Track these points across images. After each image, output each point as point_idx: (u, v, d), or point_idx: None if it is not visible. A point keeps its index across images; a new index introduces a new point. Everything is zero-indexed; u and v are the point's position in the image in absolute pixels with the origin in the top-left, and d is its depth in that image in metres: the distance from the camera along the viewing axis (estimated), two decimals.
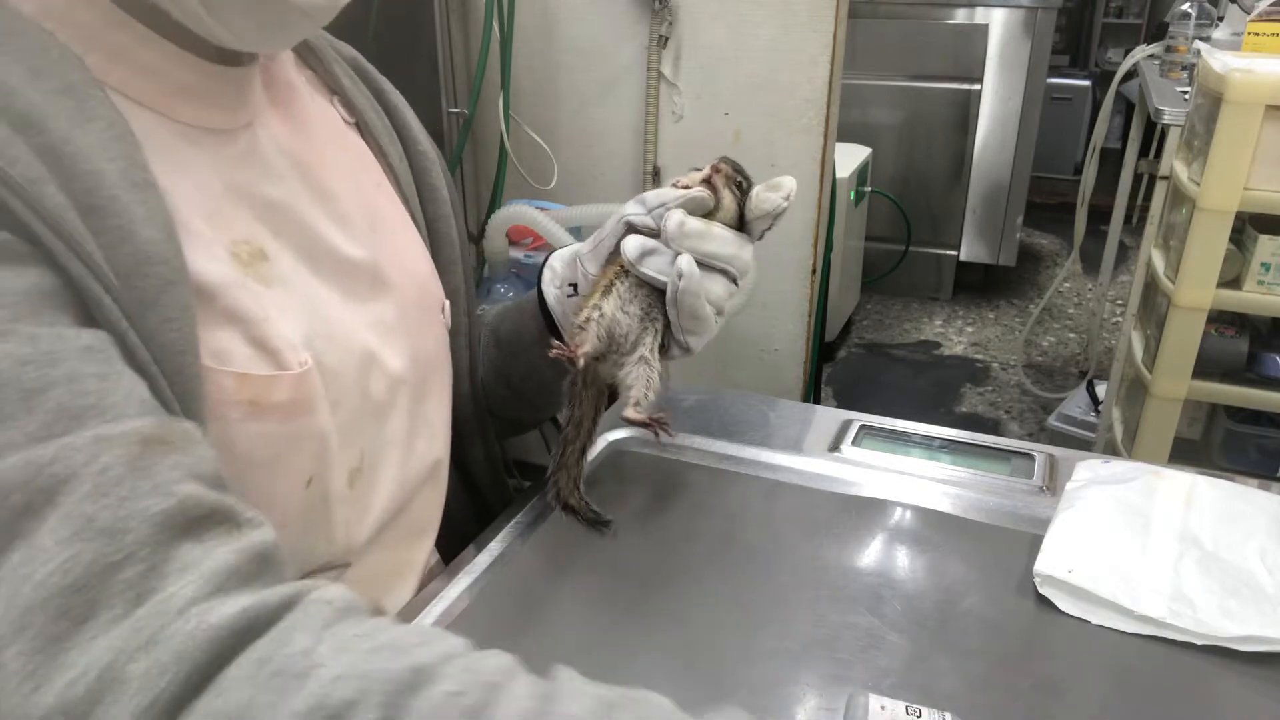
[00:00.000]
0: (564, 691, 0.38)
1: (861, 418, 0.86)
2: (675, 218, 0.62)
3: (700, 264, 0.61)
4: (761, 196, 0.64)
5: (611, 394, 0.71)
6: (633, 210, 0.64)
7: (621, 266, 0.64)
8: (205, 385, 0.46)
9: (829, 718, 0.54)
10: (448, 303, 0.71)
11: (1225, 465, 1.68)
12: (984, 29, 3.07)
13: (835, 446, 0.82)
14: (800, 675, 0.57)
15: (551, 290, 0.70)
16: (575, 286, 0.68)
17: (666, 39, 1.55)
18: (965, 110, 3.15)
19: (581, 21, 1.63)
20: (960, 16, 3.11)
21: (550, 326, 0.72)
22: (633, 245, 0.62)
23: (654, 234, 0.63)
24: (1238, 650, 0.58)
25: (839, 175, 2.51)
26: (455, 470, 0.79)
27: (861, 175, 2.86)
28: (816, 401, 2.09)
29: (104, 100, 0.45)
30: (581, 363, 0.62)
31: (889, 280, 3.43)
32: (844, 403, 2.80)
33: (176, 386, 0.44)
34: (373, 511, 0.60)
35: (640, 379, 0.63)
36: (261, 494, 0.50)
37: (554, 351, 0.62)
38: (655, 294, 0.63)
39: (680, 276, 0.60)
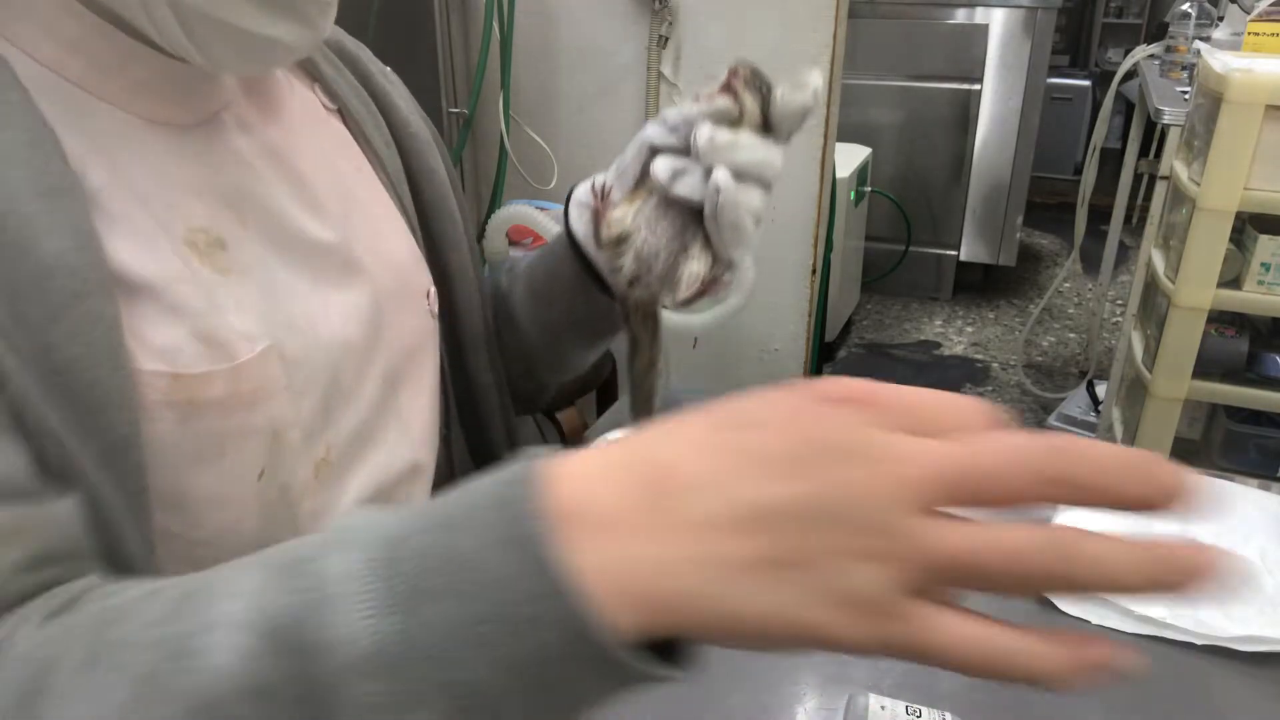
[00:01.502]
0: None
1: None
2: (705, 132, 0.59)
3: (733, 175, 0.59)
4: (788, 97, 0.61)
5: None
6: (653, 132, 0.62)
7: (648, 191, 0.62)
8: (137, 389, 0.46)
9: (829, 718, 0.54)
10: (433, 290, 0.70)
11: (1225, 465, 1.68)
12: (984, 29, 3.07)
13: None
14: (800, 675, 0.57)
15: (580, 228, 0.68)
16: None
17: (666, 39, 1.55)
18: (965, 110, 3.15)
19: (581, 21, 1.63)
20: (960, 16, 3.11)
21: (584, 265, 0.70)
22: (663, 167, 0.60)
23: (679, 153, 0.61)
24: (1238, 650, 0.58)
25: (839, 175, 2.51)
26: (471, 456, 0.77)
27: (861, 175, 2.86)
28: None
29: (19, 105, 0.44)
30: (609, 229, 0.62)
31: (889, 280, 3.44)
32: None
33: (94, 398, 0.43)
34: (343, 505, 0.59)
35: (685, 276, 0.62)
36: (210, 490, 0.50)
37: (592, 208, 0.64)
38: (687, 213, 0.61)
39: (719, 192, 0.58)
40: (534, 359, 0.79)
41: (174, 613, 0.33)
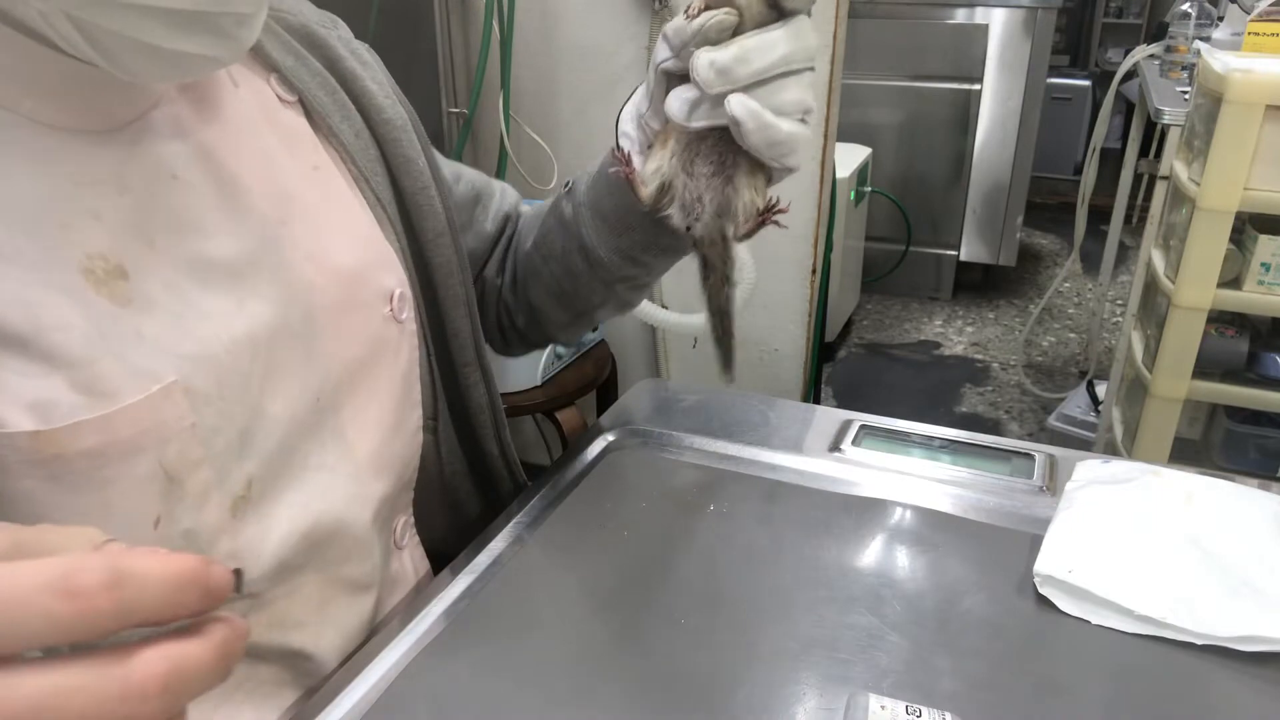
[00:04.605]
0: None
1: (861, 418, 0.86)
2: (702, 61, 0.53)
3: (758, 84, 0.54)
4: None
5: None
6: (663, 56, 0.57)
7: (677, 128, 0.59)
8: None
9: (829, 718, 0.54)
10: (398, 291, 0.65)
11: (1225, 465, 1.68)
12: (984, 29, 3.08)
13: (835, 446, 0.82)
14: (800, 675, 0.57)
15: (637, 158, 0.64)
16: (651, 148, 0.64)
17: None
18: (965, 110, 3.15)
19: (581, 21, 1.63)
20: (960, 16, 3.12)
21: None
22: (676, 104, 0.56)
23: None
24: (1238, 650, 0.58)
25: (839, 175, 2.51)
26: (460, 445, 0.76)
27: (861, 175, 2.86)
28: (817, 401, 2.09)
29: None
30: (645, 193, 0.60)
31: (889, 280, 3.44)
32: (844, 403, 2.80)
33: None
34: (272, 539, 0.55)
35: (740, 209, 0.59)
36: None
37: (613, 170, 0.61)
38: (724, 140, 0.57)
39: (737, 122, 0.54)
40: (616, 279, 0.73)
41: None
